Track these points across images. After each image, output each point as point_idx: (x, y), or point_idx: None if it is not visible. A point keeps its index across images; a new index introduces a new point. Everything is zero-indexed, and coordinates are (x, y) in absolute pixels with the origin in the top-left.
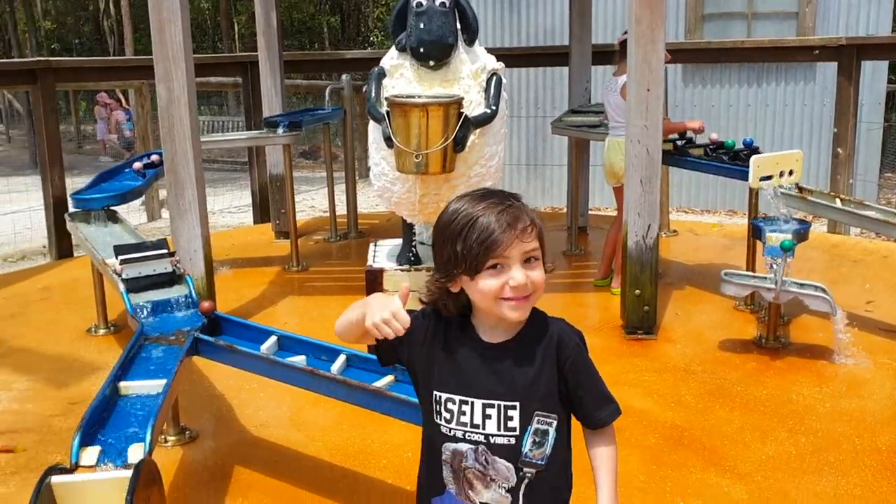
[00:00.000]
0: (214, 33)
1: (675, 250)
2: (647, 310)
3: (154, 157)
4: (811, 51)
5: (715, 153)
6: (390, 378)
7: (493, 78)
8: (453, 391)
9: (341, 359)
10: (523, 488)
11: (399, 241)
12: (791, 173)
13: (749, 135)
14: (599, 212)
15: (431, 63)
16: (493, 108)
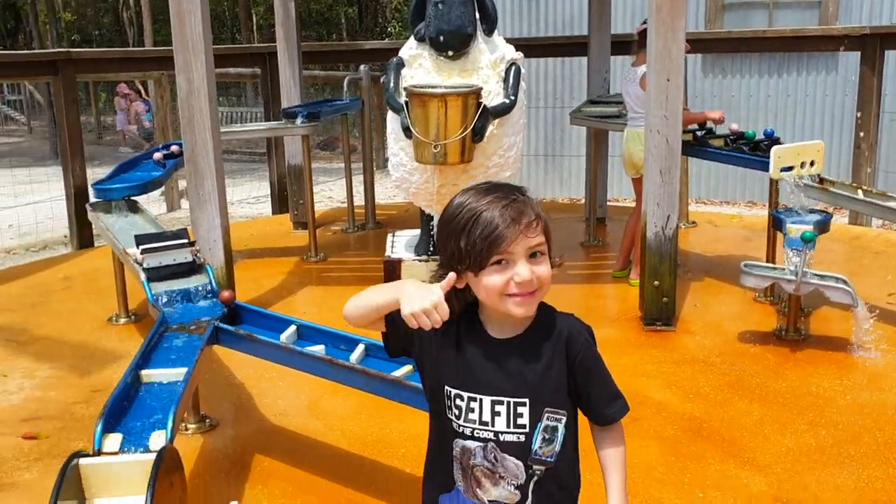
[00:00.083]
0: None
1: (694, 241)
2: (666, 301)
3: (174, 148)
4: (833, 40)
5: (735, 144)
6: (409, 368)
7: (512, 68)
8: (462, 388)
9: (360, 348)
10: (532, 486)
11: (417, 231)
12: (812, 164)
13: (770, 125)
14: (618, 203)
15: (450, 53)
16: (512, 98)
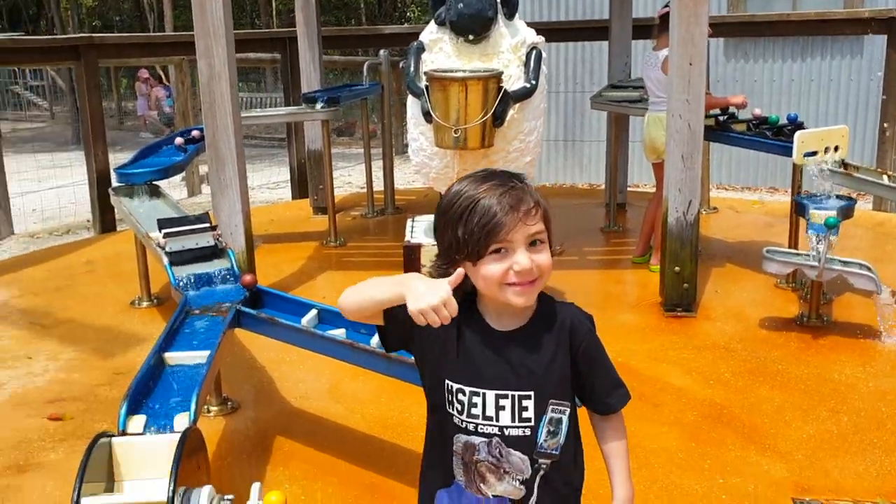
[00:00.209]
0: (252, 10)
1: (715, 227)
2: (687, 287)
3: (195, 133)
4: (860, 23)
5: (758, 129)
6: None
7: (533, 52)
8: (463, 382)
9: None
10: (538, 479)
11: None
12: (837, 149)
13: (793, 110)
14: (638, 188)
15: (471, 37)
16: (533, 82)
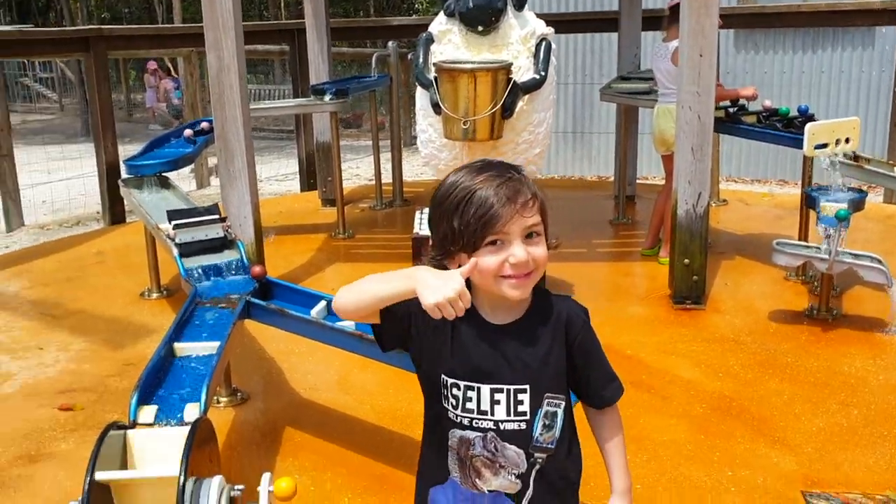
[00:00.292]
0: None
1: (725, 220)
2: (696, 279)
3: (204, 125)
4: (871, 14)
5: (768, 120)
6: None
7: (543, 43)
8: (458, 376)
9: None
10: (534, 474)
11: None
12: (847, 141)
13: (803, 102)
14: (647, 181)
15: (480, 28)
16: (543, 73)
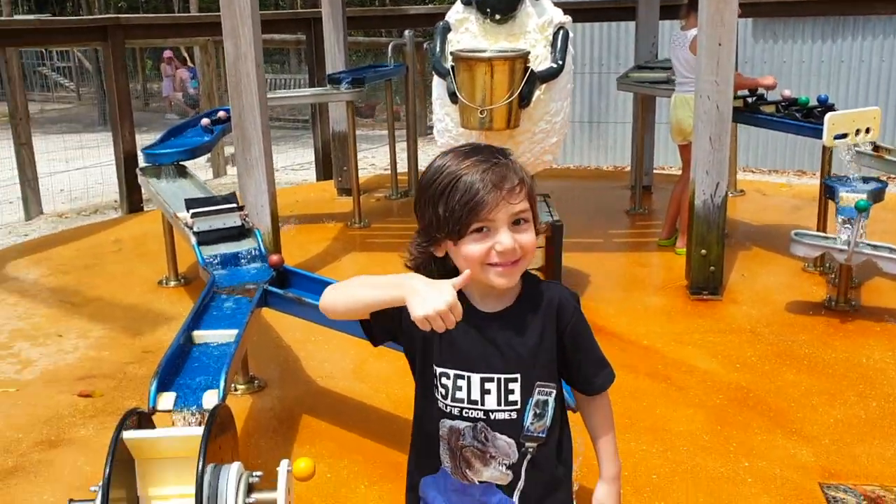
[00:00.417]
0: None
1: (742, 210)
2: (713, 270)
3: (221, 114)
4: (892, 2)
5: (787, 110)
6: None
7: (560, 32)
8: (448, 365)
9: None
10: (525, 464)
11: None
12: (868, 131)
13: (823, 92)
14: (664, 171)
15: (497, 17)
16: (560, 62)
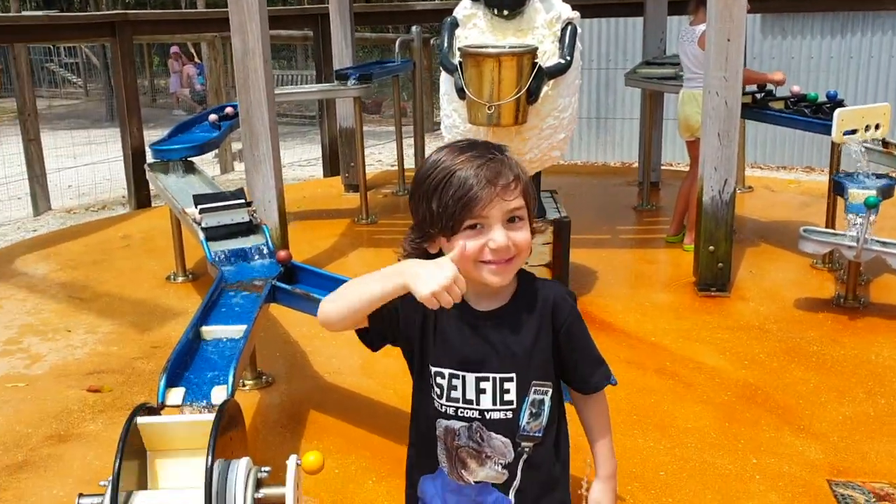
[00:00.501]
0: None
1: (751, 207)
2: (721, 267)
3: (228, 110)
4: None
5: (796, 106)
6: None
7: (568, 27)
8: (443, 364)
9: None
10: (521, 463)
11: None
12: (877, 127)
13: (832, 88)
14: (671, 167)
15: (505, 12)
16: (568, 58)
